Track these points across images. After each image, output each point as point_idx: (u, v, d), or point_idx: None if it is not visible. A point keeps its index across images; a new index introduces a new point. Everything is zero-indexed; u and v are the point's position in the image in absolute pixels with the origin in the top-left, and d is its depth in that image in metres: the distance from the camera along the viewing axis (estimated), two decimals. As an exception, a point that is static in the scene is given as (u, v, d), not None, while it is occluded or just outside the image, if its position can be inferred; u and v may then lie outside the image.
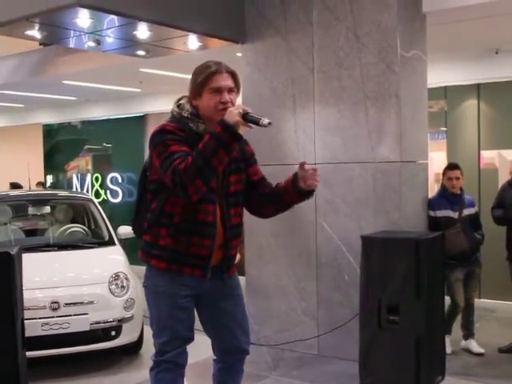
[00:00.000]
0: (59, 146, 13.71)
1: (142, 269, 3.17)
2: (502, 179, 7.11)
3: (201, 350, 3.70)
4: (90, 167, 12.95)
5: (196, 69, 3.04)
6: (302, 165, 2.98)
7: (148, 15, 5.20)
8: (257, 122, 2.78)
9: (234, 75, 3.01)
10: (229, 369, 3.25)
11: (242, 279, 5.23)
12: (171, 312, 3.02)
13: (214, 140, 2.72)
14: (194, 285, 3.03)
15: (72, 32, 5.52)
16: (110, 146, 12.65)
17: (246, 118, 2.77)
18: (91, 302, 5.26)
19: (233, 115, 2.75)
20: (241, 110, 2.76)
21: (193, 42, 5.95)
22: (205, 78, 2.95)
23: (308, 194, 3.04)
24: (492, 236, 6.13)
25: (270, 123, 2.76)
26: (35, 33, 5.49)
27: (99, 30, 5.48)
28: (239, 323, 3.21)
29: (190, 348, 3.13)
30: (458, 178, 5.71)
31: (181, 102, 3.07)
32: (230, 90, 2.96)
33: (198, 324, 3.17)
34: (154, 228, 3.03)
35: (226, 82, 2.95)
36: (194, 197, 2.81)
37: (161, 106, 10.50)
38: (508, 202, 5.69)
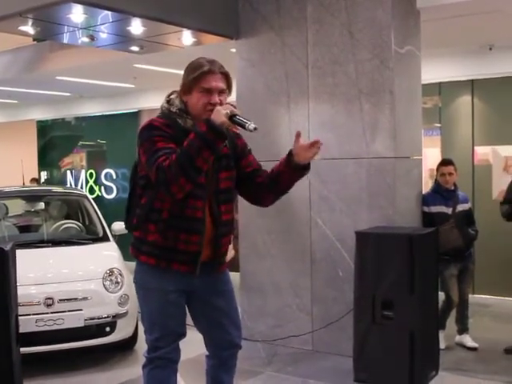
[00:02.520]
0: (53, 142, 13.67)
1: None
2: (496, 175, 7.15)
3: (194, 346, 3.70)
4: (84, 163, 12.92)
5: (189, 64, 3.01)
6: (297, 135, 2.93)
7: (142, 11, 5.18)
8: (243, 126, 2.75)
9: (226, 76, 2.97)
10: (222, 364, 3.25)
11: (236, 275, 5.24)
12: (162, 308, 3.01)
13: (199, 139, 2.70)
14: (184, 281, 3.02)
15: (66, 28, 5.51)
16: (104, 142, 12.62)
17: (232, 119, 2.74)
18: (85, 298, 5.25)
19: (220, 115, 2.72)
20: (228, 111, 2.74)
21: (187, 37, 5.94)
22: (197, 76, 2.92)
23: (304, 169, 3.00)
24: (486, 232, 6.16)
25: (255, 128, 2.72)
26: (28, 28, 5.47)
27: (93, 26, 5.47)
28: (231, 318, 3.20)
29: (182, 344, 3.12)
30: (451, 174, 5.72)
31: (171, 97, 3.05)
32: (220, 92, 2.94)
33: (190, 320, 3.17)
34: (144, 224, 3.01)
35: (218, 83, 2.92)
36: (177, 195, 2.80)
37: (155, 102, 10.38)
38: None
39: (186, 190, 2.79)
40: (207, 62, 2.95)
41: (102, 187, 12.34)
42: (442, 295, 5.47)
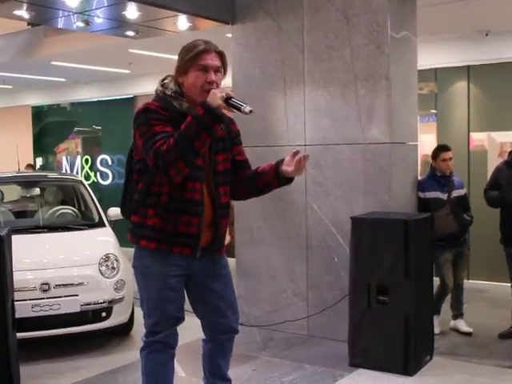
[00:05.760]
0: (49, 127, 13.63)
1: (133, 250, 3.16)
2: (491, 161, 7.16)
3: (191, 331, 3.72)
4: (79, 149, 12.91)
5: (184, 46, 3.03)
6: (295, 153, 2.98)
7: (137, -5, 5.16)
8: (239, 109, 2.78)
9: (222, 55, 3.00)
10: (218, 348, 3.27)
11: (232, 261, 5.24)
12: (161, 292, 3.02)
13: (197, 122, 2.72)
14: (184, 264, 3.03)
15: (60, 12, 5.48)
16: (99, 127, 12.60)
17: (228, 102, 2.77)
18: (81, 284, 5.25)
19: (216, 98, 2.75)
20: (224, 94, 2.76)
21: (182, 22, 5.92)
22: (193, 55, 2.94)
23: (286, 181, 3.07)
24: (481, 217, 6.17)
25: (251, 111, 2.76)
26: (23, 13, 5.44)
27: (88, 10, 5.44)
28: (228, 302, 3.22)
29: (180, 329, 3.14)
30: (451, 159, 5.72)
31: (165, 81, 3.06)
32: (216, 70, 2.96)
33: (188, 305, 3.18)
34: (142, 208, 3.02)
35: (214, 61, 2.95)
36: (175, 178, 2.82)
37: (150, 88, 10.25)
38: (504, 183, 5.56)
39: (183, 173, 2.82)
40: (202, 42, 2.98)
41: (98, 173, 12.34)
42: (436, 280, 5.49)
